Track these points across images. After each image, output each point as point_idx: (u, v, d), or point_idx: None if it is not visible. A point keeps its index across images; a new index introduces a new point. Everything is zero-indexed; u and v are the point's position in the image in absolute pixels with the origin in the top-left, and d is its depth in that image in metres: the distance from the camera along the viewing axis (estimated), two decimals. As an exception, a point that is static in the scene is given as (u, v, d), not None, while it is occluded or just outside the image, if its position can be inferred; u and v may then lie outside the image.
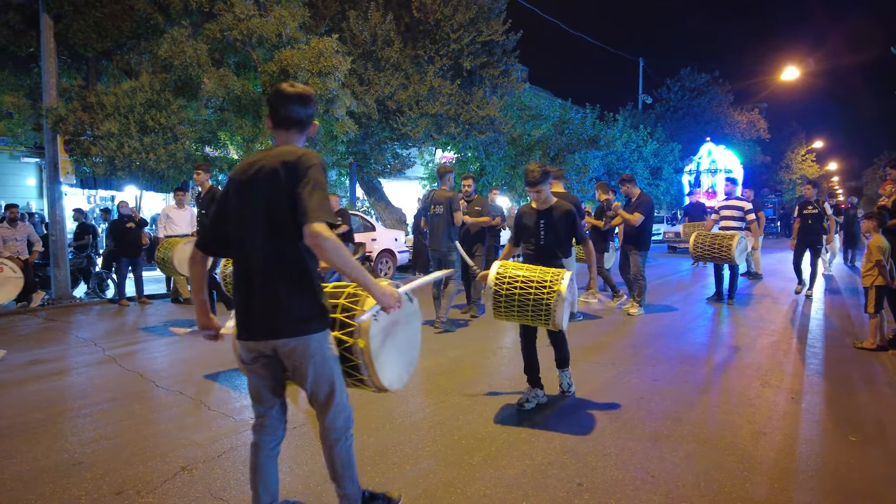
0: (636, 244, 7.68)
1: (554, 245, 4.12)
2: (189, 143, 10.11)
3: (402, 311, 2.43)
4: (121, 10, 10.56)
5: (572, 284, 3.82)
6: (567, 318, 3.82)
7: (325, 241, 1.95)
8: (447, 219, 6.78)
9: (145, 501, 2.81)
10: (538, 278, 3.74)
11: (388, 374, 2.42)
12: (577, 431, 3.64)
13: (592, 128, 21.00)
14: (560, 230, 4.10)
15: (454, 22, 13.26)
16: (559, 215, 4.10)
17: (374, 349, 2.31)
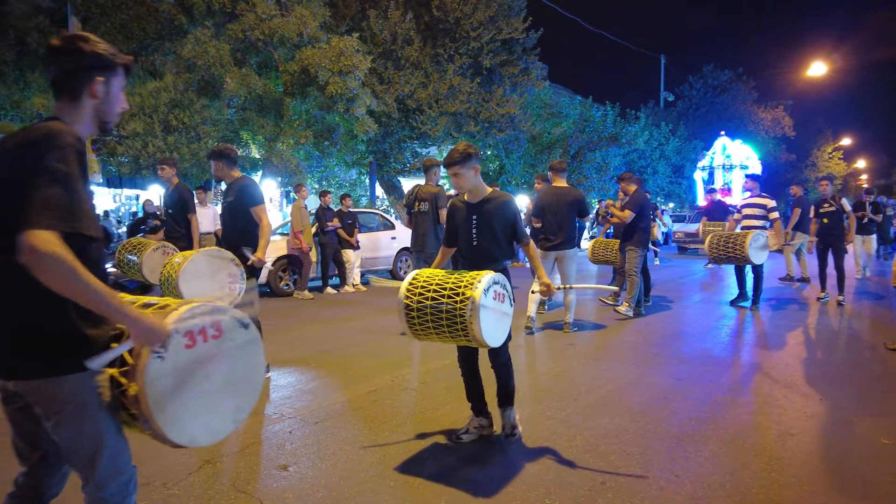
0: (629, 240, 7.47)
1: (489, 246, 3.36)
2: (212, 142, 10.25)
3: (225, 342, 1.80)
4: (146, 12, 10.76)
5: (501, 288, 3.06)
6: (499, 332, 3.06)
7: (39, 258, 1.40)
8: (433, 217, 6.33)
9: (171, 493, 2.84)
10: (452, 285, 2.98)
11: (188, 427, 1.75)
12: (600, 430, 3.60)
13: (613, 125, 20.85)
14: (497, 226, 3.34)
15: (474, 20, 13.25)
16: (494, 208, 3.35)
17: (155, 396, 1.64)
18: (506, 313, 3.13)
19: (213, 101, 10.51)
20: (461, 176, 3.30)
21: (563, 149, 18.68)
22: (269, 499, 2.77)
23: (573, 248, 6.46)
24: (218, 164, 4.69)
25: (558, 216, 6.35)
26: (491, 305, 2.96)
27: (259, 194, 4.70)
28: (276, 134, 10.64)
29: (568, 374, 4.93)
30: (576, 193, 6.50)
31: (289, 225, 10.20)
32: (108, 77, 1.70)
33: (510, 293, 3.18)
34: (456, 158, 3.26)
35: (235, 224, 4.72)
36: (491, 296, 2.96)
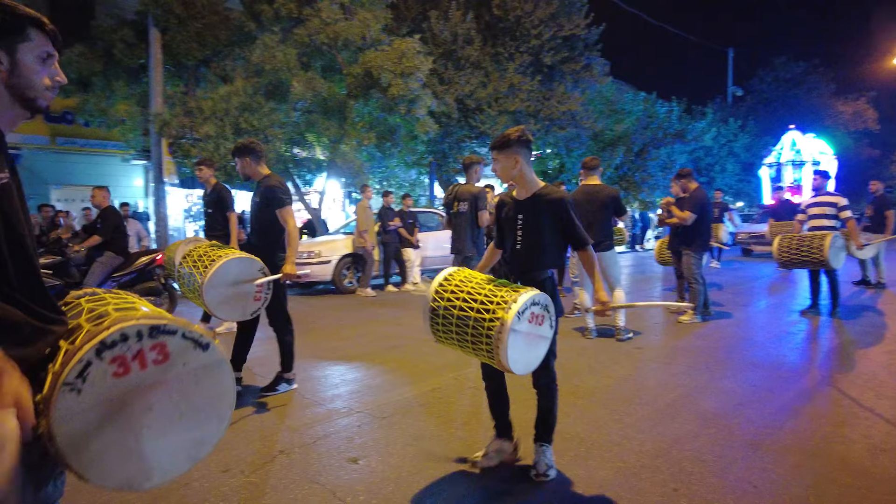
0: (689, 245, 6.96)
1: (535, 252, 2.91)
2: (279, 144, 10.60)
3: (172, 368, 1.51)
4: (218, 21, 11.26)
5: (541, 309, 2.64)
6: (530, 358, 2.66)
7: None
8: (471, 219, 5.99)
9: (249, 480, 2.97)
10: (485, 298, 2.62)
11: (120, 469, 1.48)
12: (671, 435, 3.51)
13: (679, 122, 20.17)
14: (545, 229, 2.89)
15: (535, 18, 13.14)
16: (544, 206, 2.88)
17: (69, 435, 1.35)
18: (542, 336, 2.70)
19: (280, 105, 10.88)
20: (499, 163, 2.92)
21: (627, 146, 18.23)
22: (340, 490, 2.85)
23: (609, 249, 6.07)
24: (244, 160, 4.30)
25: (590, 216, 5.98)
26: (524, 330, 2.56)
27: (286, 196, 4.31)
28: (340, 136, 10.89)
29: (635, 377, 4.82)
30: (609, 191, 6.13)
31: (353, 224, 10.44)
32: (10, 43, 1.32)
33: (552, 314, 2.71)
34: (495, 142, 2.90)
35: (262, 228, 4.36)
36: (526, 318, 2.56)
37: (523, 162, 2.89)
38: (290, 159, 11.89)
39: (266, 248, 4.29)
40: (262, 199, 4.27)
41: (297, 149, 12.28)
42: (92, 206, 7.54)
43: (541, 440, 3.03)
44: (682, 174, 7.27)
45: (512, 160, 2.87)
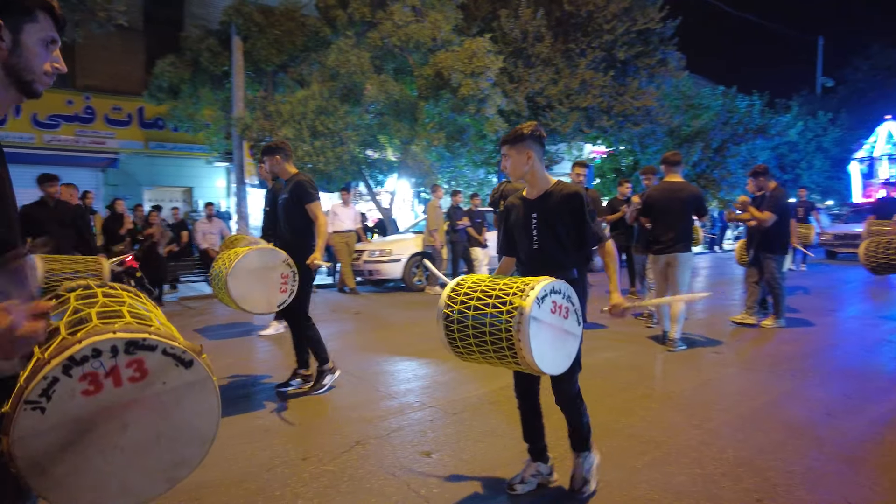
0: (768, 247, 6.51)
1: (553, 251, 2.73)
2: (353, 146, 10.90)
3: (151, 386, 1.40)
4: (295, 27, 11.71)
5: (564, 299, 2.42)
6: (559, 356, 2.43)
7: None
8: None
9: (326, 469, 3.09)
10: (500, 292, 2.38)
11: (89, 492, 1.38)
12: (753, 444, 3.35)
13: (761, 116, 19.13)
14: (560, 226, 2.70)
15: (607, 12, 12.84)
16: (558, 203, 2.70)
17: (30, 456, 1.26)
18: (570, 332, 2.47)
19: (354, 107, 11.18)
20: (510, 159, 2.73)
21: (705, 142, 17.48)
22: (414, 483, 2.92)
23: (687, 251, 5.68)
24: (274, 158, 4.45)
25: (670, 215, 5.65)
26: (547, 320, 2.32)
27: (314, 191, 4.42)
28: (411, 137, 11.07)
29: (714, 383, 4.64)
30: (692, 190, 5.80)
31: (423, 223, 10.59)
32: (15, 22, 1.27)
33: (577, 307, 2.50)
34: (507, 137, 2.74)
35: (291, 223, 4.46)
36: (548, 307, 2.32)
37: (535, 158, 2.73)
38: (362, 160, 12.20)
39: (298, 241, 4.37)
40: (291, 195, 4.38)
41: (370, 150, 12.57)
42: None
43: (576, 448, 2.88)
44: (758, 171, 6.80)
45: (524, 156, 2.71)
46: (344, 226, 10.13)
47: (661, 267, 5.75)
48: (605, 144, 17.54)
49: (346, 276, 10.28)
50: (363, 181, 12.85)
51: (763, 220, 6.35)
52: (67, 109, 12.93)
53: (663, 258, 5.69)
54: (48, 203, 6.15)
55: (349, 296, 10.04)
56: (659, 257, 5.73)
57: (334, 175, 10.85)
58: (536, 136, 2.72)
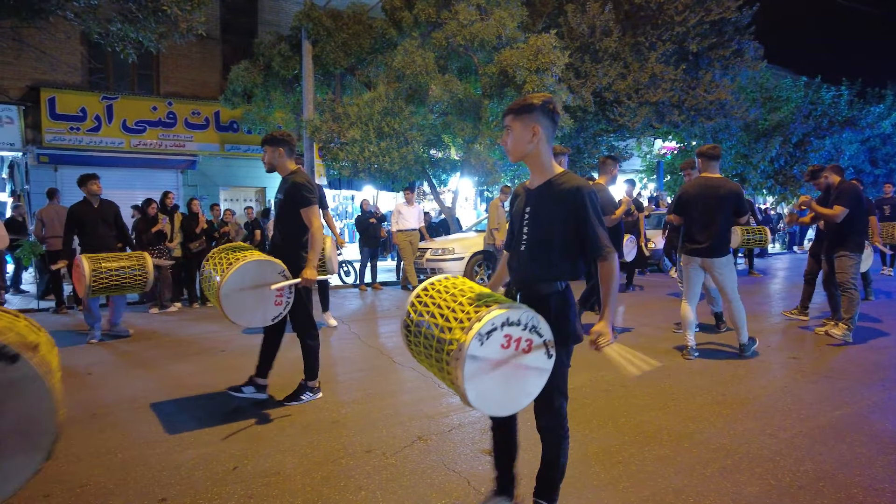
0: (843, 244, 5.93)
1: (541, 254, 2.30)
2: (417, 146, 11.03)
3: None
4: (362, 30, 11.97)
5: (529, 332, 2.09)
6: (511, 396, 2.13)
7: None
8: None
9: (389, 462, 3.15)
10: (451, 313, 2.13)
11: None
12: (836, 457, 3.15)
13: (848, 108, 17.88)
14: (556, 225, 2.27)
15: (679, 3, 12.37)
16: (557, 195, 2.27)
17: None
18: (533, 368, 2.13)
19: (418, 108, 11.31)
20: (512, 132, 2.29)
21: (784, 137, 16.53)
22: (475, 480, 2.93)
23: (726, 254, 5.21)
24: (276, 150, 4.07)
25: (706, 213, 5.18)
26: (494, 357, 2.02)
27: (310, 194, 3.98)
28: (475, 135, 11.08)
29: (792, 389, 4.39)
30: (731, 186, 5.23)
31: (485, 222, 10.59)
32: None
33: (547, 337, 2.15)
34: (513, 105, 2.29)
35: (284, 226, 4.08)
36: (496, 343, 2.01)
37: (543, 137, 2.28)
38: (426, 160, 12.33)
39: (289, 248, 4.04)
40: (286, 196, 4.02)
41: (434, 150, 12.68)
42: None
43: (540, 496, 2.44)
44: (814, 171, 6.34)
45: (529, 130, 2.26)
46: (408, 224, 10.29)
47: (696, 269, 5.32)
48: (677, 140, 16.93)
49: (409, 274, 10.43)
50: (427, 180, 12.98)
51: (833, 216, 5.83)
52: (152, 115, 13.75)
53: (698, 260, 5.28)
54: (92, 202, 6.35)
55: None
56: (692, 259, 5.31)
57: (399, 175, 11.03)
58: (549, 109, 2.27)
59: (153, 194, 9.21)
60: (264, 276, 3.77)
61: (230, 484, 2.91)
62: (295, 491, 2.84)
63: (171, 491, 2.86)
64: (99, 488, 2.91)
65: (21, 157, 12.78)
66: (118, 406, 4.22)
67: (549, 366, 2.18)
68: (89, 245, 6.23)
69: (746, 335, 5.30)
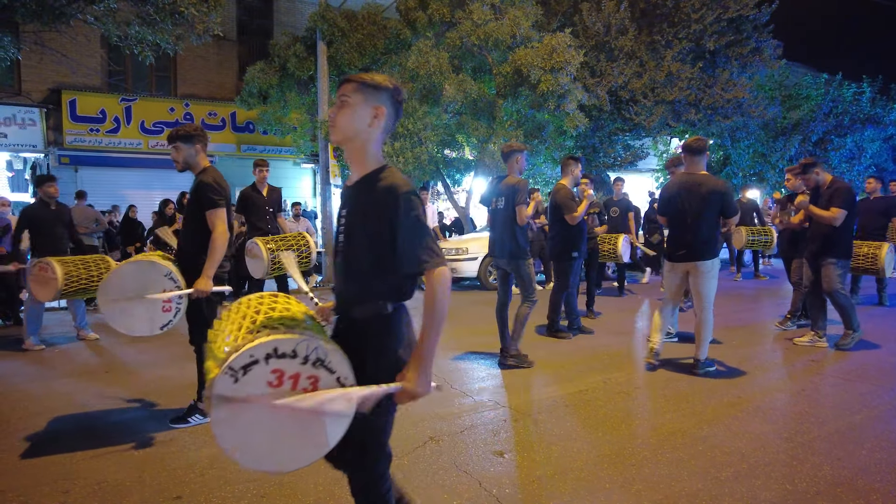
0: (833, 251, 5.38)
1: (354, 268, 1.90)
2: (431, 146, 11.03)
3: None
4: (377, 30, 12.00)
5: (312, 367, 1.66)
6: (307, 443, 1.69)
7: None
8: (511, 216, 5.07)
9: (401, 462, 3.16)
10: (234, 335, 1.75)
11: None
12: (855, 462, 3.10)
13: (871, 105, 17.55)
14: (369, 229, 1.84)
15: (695, 1, 12.22)
16: (373, 195, 1.83)
17: None
18: (322, 413, 1.67)
19: (432, 108, 11.29)
20: (345, 107, 1.86)
21: (804, 135, 16.27)
22: (486, 481, 2.93)
23: (711, 258, 4.73)
24: (192, 147, 3.78)
25: (688, 214, 4.74)
26: (257, 396, 1.60)
27: (217, 195, 3.61)
28: (489, 135, 11.04)
29: (810, 393, 4.33)
30: (716, 184, 4.73)
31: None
32: None
33: (345, 375, 1.71)
34: (356, 76, 1.88)
35: (188, 230, 3.74)
36: (258, 380, 1.60)
37: (380, 126, 1.89)
38: (440, 160, 12.32)
39: (193, 252, 3.63)
40: (192, 196, 3.69)
41: (448, 150, 12.67)
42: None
43: None
44: (807, 164, 5.66)
45: (369, 111, 1.86)
46: (422, 224, 10.31)
47: (679, 276, 4.95)
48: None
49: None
50: (441, 180, 12.98)
51: (831, 218, 5.27)
52: (169, 116, 13.91)
53: (681, 266, 4.87)
54: (49, 204, 6.22)
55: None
56: (675, 265, 4.91)
57: (413, 175, 11.03)
58: (397, 99, 1.92)
59: (170, 195, 9.32)
60: (148, 279, 3.41)
61: (243, 483, 2.94)
62: (307, 490, 2.86)
63: (186, 489, 2.89)
64: (116, 485, 2.95)
65: (43, 159, 13.00)
66: (132, 404, 4.28)
67: (348, 410, 1.72)
68: (45, 247, 6.02)
69: (706, 352, 4.86)
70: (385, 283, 1.85)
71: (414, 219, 1.77)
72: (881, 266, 6.50)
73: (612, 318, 7.44)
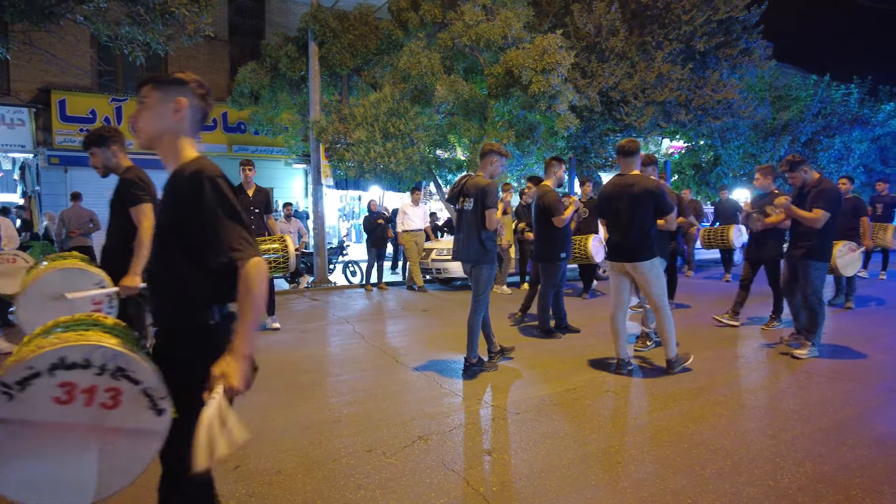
0: (813, 253, 5.27)
1: (166, 270, 1.78)
2: (423, 147, 11.05)
3: None
4: (368, 31, 12.01)
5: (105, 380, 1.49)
6: (105, 468, 1.55)
7: None
8: (478, 218, 4.89)
9: (389, 462, 3.18)
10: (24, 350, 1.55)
11: None
12: (836, 459, 3.15)
13: (858, 106, 17.72)
14: (176, 234, 1.75)
15: (686, 2, 12.31)
16: (180, 185, 1.76)
17: None
18: (132, 432, 1.53)
19: (424, 108, 11.32)
20: (144, 109, 1.85)
21: (793, 136, 16.41)
22: (474, 480, 2.96)
23: (649, 258, 4.71)
24: (108, 150, 3.55)
25: (623, 214, 4.74)
26: (41, 418, 1.42)
27: (141, 191, 3.47)
28: (481, 136, 11.07)
29: (795, 391, 4.38)
30: (647, 184, 4.70)
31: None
32: None
33: (153, 385, 1.54)
34: (150, 76, 1.90)
35: (114, 229, 3.60)
36: (42, 398, 1.41)
37: (186, 118, 1.84)
38: (432, 160, 12.35)
39: (120, 251, 3.51)
40: (117, 195, 3.55)
41: (440, 150, 12.70)
42: None
43: None
44: (794, 162, 5.43)
45: (169, 106, 1.81)
46: (414, 225, 10.34)
47: (622, 279, 4.92)
48: (684, 139, 16.83)
49: (414, 275, 10.47)
50: (433, 181, 13.01)
51: (814, 220, 5.14)
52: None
53: (619, 267, 4.86)
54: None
55: (417, 293, 10.21)
56: (614, 264, 4.90)
57: (405, 175, 11.06)
58: (200, 93, 1.89)
59: (161, 195, 9.25)
60: (74, 285, 3.19)
61: (232, 483, 2.95)
62: (296, 490, 2.88)
63: (175, 489, 2.90)
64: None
65: (32, 159, 12.93)
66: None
67: (159, 426, 1.53)
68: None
69: (675, 350, 4.85)
70: (203, 283, 1.72)
71: (220, 204, 1.67)
72: (834, 265, 6.46)
73: (599, 319, 7.48)
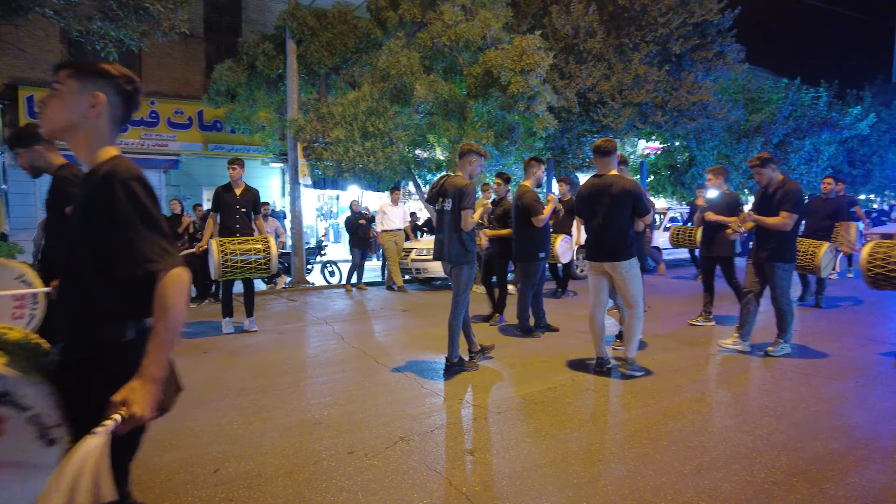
0: (780, 255, 5.24)
1: (77, 273, 1.63)
2: (402, 146, 11.02)
3: None
4: (347, 30, 11.94)
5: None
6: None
7: None
8: (456, 219, 4.87)
9: (371, 463, 3.16)
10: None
11: None
12: (810, 452, 3.22)
13: (827, 109, 18.17)
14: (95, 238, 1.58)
15: (662, 5, 12.48)
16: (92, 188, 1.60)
17: None
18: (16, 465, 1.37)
19: (403, 108, 11.28)
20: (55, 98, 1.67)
21: (765, 137, 16.75)
22: (456, 480, 2.95)
23: (628, 258, 4.70)
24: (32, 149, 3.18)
25: (601, 214, 4.75)
26: None
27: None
28: (460, 136, 11.07)
29: (770, 388, 4.47)
30: (624, 184, 4.68)
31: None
32: None
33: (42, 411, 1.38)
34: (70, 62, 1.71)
35: (51, 227, 3.33)
36: None
37: (104, 113, 1.68)
38: (411, 160, 12.32)
39: (56, 252, 3.24)
40: (52, 195, 3.19)
41: (419, 150, 12.68)
42: None
43: None
44: (765, 159, 5.34)
45: (84, 99, 1.65)
46: (393, 224, 10.30)
47: (601, 279, 4.92)
48: (660, 140, 17.07)
49: (394, 275, 10.43)
50: (412, 180, 12.98)
51: (781, 224, 5.12)
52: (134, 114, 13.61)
53: (599, 266, 4.86)
54: None
55: (397, 293, 10.18)
56: (593, 264, 4.90)
57: (384, 175, 11.01)
58: (128, 90, 1.73)
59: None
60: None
61: (211, 487, 2.90)
62: (276, 493, 2.84)
63: (152, 494, 2.84)
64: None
65: (-1, 157, 12.57)
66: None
67: (48, 459, 1.35)
68: None
69: (634, 351, 4.83)
70: (116, 295, 1.57)
71: (135, 210, 1.52)
72: (818, 265, 6.65)
73: (577, 318, 7.54)
